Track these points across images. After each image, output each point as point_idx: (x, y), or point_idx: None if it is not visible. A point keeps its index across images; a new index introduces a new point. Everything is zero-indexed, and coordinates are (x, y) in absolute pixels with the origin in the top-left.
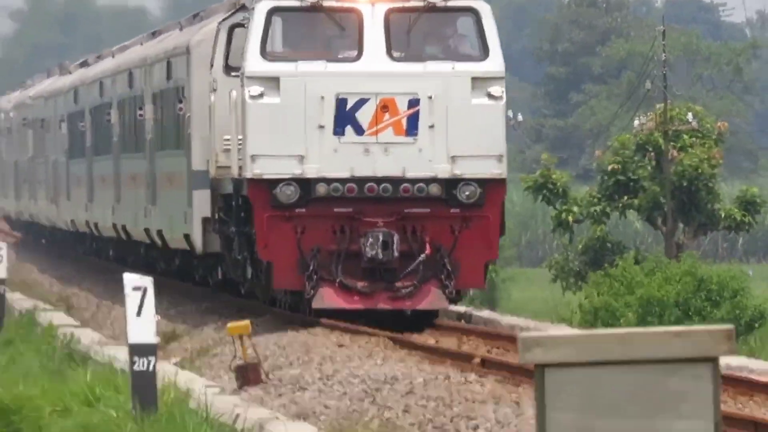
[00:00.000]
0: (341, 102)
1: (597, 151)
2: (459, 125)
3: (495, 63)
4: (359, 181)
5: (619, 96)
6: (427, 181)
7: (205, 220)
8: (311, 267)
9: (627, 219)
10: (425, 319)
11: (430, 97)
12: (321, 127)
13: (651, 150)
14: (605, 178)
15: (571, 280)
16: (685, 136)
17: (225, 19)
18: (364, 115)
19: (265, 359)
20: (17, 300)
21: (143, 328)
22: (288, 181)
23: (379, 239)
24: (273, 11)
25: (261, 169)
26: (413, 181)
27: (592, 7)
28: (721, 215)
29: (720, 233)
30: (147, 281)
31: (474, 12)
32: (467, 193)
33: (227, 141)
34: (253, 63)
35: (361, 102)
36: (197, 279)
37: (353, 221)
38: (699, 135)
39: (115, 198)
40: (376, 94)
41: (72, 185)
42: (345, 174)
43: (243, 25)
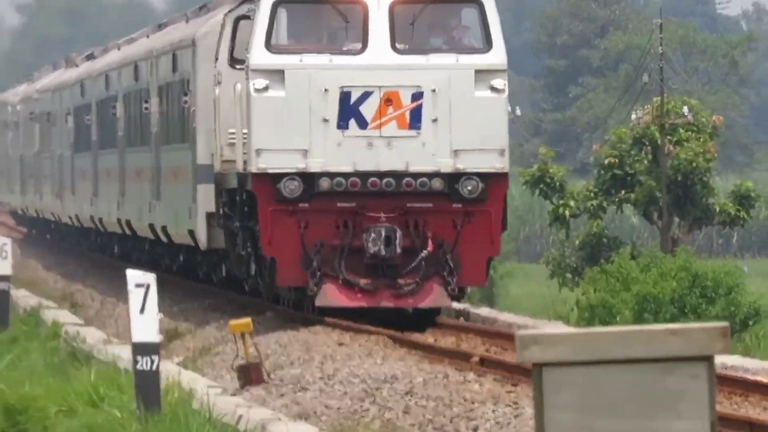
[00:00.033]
0: (345, 95)
1: (594, 146)
2: (462, 118)
3: (498, 55)
4: (362, 176)
5: (617, 89)
6: (430, 176)
7: (210, 215)
8: (314, 263)
9: (623, 214)
10: (427, 317)
11: (433, 90)
12: (325, 121)
13: (647, 144)
14: (602, 172)
15: (568, 276)
16: (681, 129)
17: (230, 11)
18: (367, 109)
19: (267, 358)
20: (22, 297)
21: (146, 326)
22: (292, 176)
23: (382, 235)
24: (278, 3)
25: (266, 164)
26: (416, 176)
27: (590, 0)
28: (716, 210)
29: (715, 228)
30: (150, 278)
31: (478, 4)
32: (469, 188)
33: (232, 135)
34: (258, 56)
35: (365, 95)
36: (201, 276)
37: (356, 216)
38: (694, 129)
39: (120, 192)
40: (380, 87)
41: (77, 180)
42: (348, 168)
43: (248, 17)
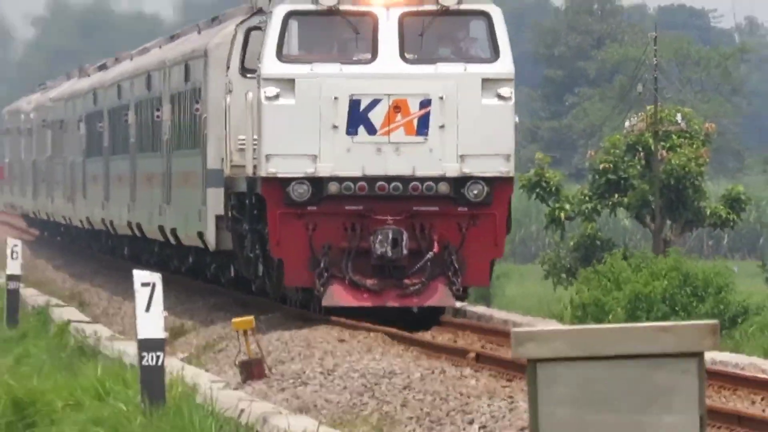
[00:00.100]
0: (354, 103)
1: (590, 151)
2: (469, 125)
3: (505, 64)
4: (370, 180)
5: (612, 98)
6: (436, 180)
7: (219, 218)
8: (322, 264)
9: (617, 217)
10: (432, 316)
11: (441, 98)
12: (335, 127)
13: (641, 150)
14: (597, 177)
15: (563, 276)
16: (674, 136)
17: (242, 23)
18: (376, 116)
19: (268, 354)
20: (31, 296)
21: (152, 323)
22: (301, 180)
23: (389, 237)
24: (290, 15)
25: (275, 168)
26: (422, 180)
27: (588, 14)
28: (707, 213)
29: (706, 230)
30: (156, 277)
31: (486, 15)
32: (475, 192)
33: (242, 141)
34: (270, 65)
35: (374, 103)
36: (210, 277)
37: (364, 219)
38: (687, 135)
39: (131, 196)
40: (388, 95)
41: (89, 184)
42: (357, 173)
43: (260, 28)
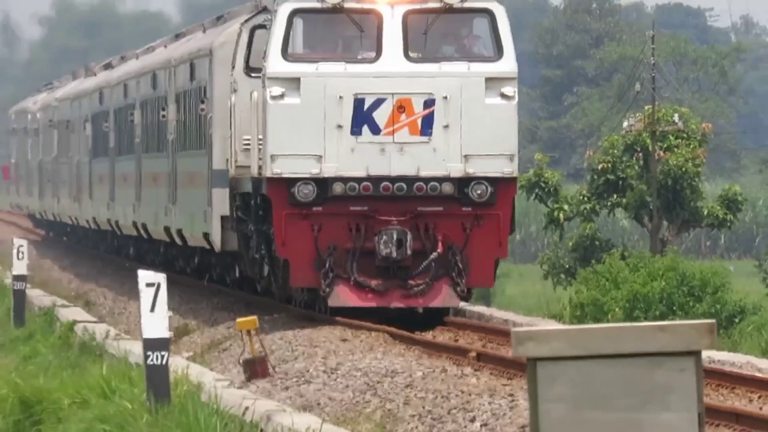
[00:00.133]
0: (359, 102)
1: (588, 151)
2: (472, 125)
3: (508, 63)
4: (374, 180)
5: (611, 98)
6: (440, 180)
7: (224, 218)
8: (327, 265)
9: (615, 217)
10: (436, 317)
11: (445, 97)
12: (339, 127)
13: (639, 150)
14: (595, 177)
15: (562, 276)
16: (671, 136)
17: (247, 21)
18: (380, 115)
19: (272, 353)
20: (37, 296)
21: (156, 323)
22: (306, 180)
23: (393, 237)
24: (295, 13)
25: (280, 169)
26: (427, 180)
27: (586, 13)
28: (704, 213)
29: (703, 230)
30: (160, 278)
31: (489, 13)
32: (479, 192)
33: (247, 141)
34: (275, 64)
35: (378, 102)
36: (215, 277)
37: (368, 219)
38: (684, 136)
39: (136, 197)
40: (392, 94)
41: (95, 184)
42: (361, 173)
43: (264, 27)
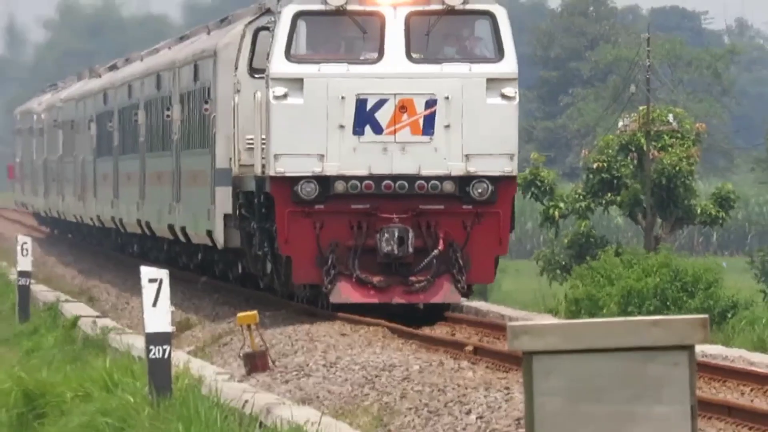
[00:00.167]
0: (361, 102)
1: (584, 151)
2: (473, 124)
3: (509, 64)
4: (376, 179)
5: (606, 99)
6: (442, 179)
7: (227, 216)
8: (329, 262)
9: (610, 215)
10: (437, 313)
11: (446, 98)
12: (341, 127)
13: (633, 150)
14: (590, 176)
15: (558, 272)
16: (666, 136)
17: (250, 23)
18: (383, 115)
19: (272, 347)
20: (41, 292)
21: (159, 317)
22: (308, 179)
23: (395, 235)
24: (298, 15)
25: (283, 167)
26: (428, 179)
27: (582, 16)
28: (697, 211)
29: (696, 228)
30: (162, 273)
31: (491, 15)
32: (480, 191)
33: (250, 140)
34: (278, 65)
35: (381, 102)
36: (218, 274)
37: (370, 217)
38: (678, 135)
39: (140, 195)
40: (394, 94)
41: (99, 183)
42: (363, 172)
43: (268, 29)
